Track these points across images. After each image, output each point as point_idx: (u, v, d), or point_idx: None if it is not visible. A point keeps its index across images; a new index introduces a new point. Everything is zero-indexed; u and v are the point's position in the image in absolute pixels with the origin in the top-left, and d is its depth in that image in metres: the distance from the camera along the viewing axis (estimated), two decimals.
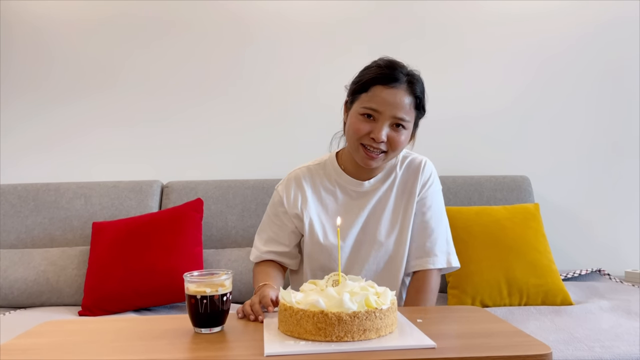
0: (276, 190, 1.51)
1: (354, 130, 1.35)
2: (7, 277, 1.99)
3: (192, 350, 1.00)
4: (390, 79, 1.32)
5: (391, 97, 1.31)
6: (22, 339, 1.08)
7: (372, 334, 1.00)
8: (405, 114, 1.33)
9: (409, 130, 1.36)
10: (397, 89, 1.32)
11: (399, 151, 1.38)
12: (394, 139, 1.33)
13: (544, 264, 1.96)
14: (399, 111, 1.31)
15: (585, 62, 2.49)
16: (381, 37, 2.44)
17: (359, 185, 1.45)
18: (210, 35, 2.45)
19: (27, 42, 2.41)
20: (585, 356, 1.44)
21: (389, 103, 1.31)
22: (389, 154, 1.36)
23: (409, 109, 1.33)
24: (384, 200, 1.46)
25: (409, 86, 1.34)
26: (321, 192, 1.47)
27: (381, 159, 1.37)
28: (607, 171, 2.49)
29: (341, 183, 1.46)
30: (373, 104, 1.32)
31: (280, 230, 1.48)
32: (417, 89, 1.35)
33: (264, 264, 1.48)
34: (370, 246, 1.44)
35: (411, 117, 1.35)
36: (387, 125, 1.32)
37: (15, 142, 2.42)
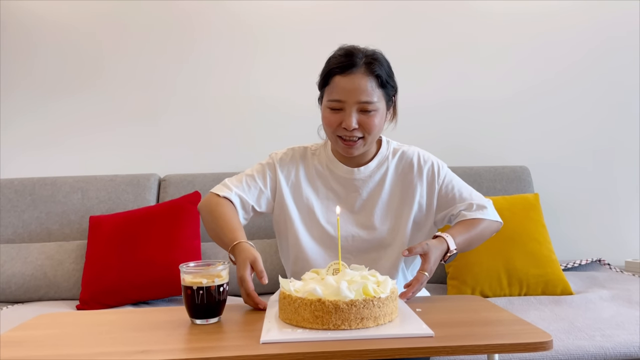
0: (271, 155, 1.49)
1: (326, 124, 1.37)
2: (4, 272, 1.98)
3: (188, 340, 0.99)
4: (346, 67, 1.32)
5: (350, 84, 1.31)
6: (18, 331, 1.07)
7: (370, 323, 0.99)
8: (369, 97, 1.31)
9: (380, 111, 1.34)
10: (355, 74, 1.31)
11: (377, 132, 1.36)
12: (366, 122, 1.33)
13: (544, 254, 1.96)
14: (362, 95, 1.31)
15: (586, 52, 2.47)
16: (380, 23, 2.43)
17: (350, 173, 1.44)
18: (209, 31, 2.43)
19: (24, 37, 2.39)
20: (586, 345, 1.44)
21: (349, 91, 1.31)
22: (366, 138, 1.35)
23: (371, 90, 1.32)
24: (376, 190, 1.44)
25: (367, 68, 1.32)
26: (314, 174, 1.47)
27: (361, 145, 1.36)
28: (607, 161, 2.48)
29: (333, 169, 1.45)
30: (335, 95, 1.33)
31: (258, 191, 1.43)
32: (375, 68, 1.32)
33: (226, 205, 1.39)
34: (362, 233, 1.43)
35: (378, 97, 1.33)
36: (354, 112, 1.32)
37: (12, 137, 2.41)
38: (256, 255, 1.19)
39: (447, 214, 1.45)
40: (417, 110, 2.42)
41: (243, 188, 1.43)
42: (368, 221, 1.43)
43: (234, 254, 1.24)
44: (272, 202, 1.46)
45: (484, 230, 1.41)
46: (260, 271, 1.16)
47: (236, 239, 1.26)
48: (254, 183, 1.44)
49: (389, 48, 1.44)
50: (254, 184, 1.44)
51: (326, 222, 1.43)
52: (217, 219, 1.35)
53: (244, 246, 1.23)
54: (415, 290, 1.23)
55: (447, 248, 1.30)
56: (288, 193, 1.45)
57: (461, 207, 1.43)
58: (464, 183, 1.49)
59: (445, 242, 1.30)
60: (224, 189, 1.43)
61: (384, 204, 1.44)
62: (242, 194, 1.41)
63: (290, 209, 1.44)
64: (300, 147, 1.51)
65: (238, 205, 1.40)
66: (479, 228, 1.39)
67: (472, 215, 1.40)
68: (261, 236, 2.18)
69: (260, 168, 1.47)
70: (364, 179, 1.44)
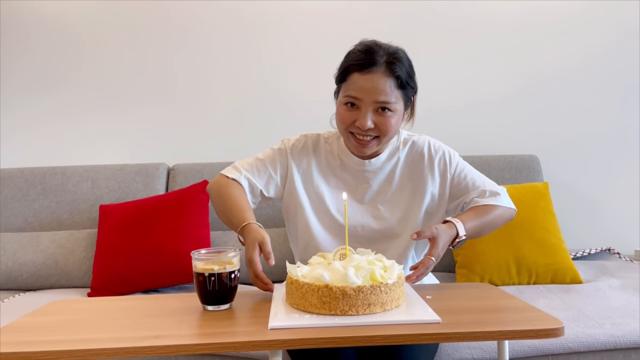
0: (283, 141, 1.48)
1: (340, 119, 1.34)
2: (16, 260, 2.00)
3: (200, 326, 1.00)
4: (366, 65, 1.28)
5: (369, 83, 1.27)
6: (32, 317, 1.08)
7: (377, 308, 0.99)
8: (387, 97, 1.27)
9: (397, 112, 1.31)
10: (374, 73, 1.27)
11: (392, 133, 1.33)
12: (381, 123, 1.30)
13: (554, 242, 1.95)
14: (380, 96, 1.27)
15: (595, 39, 2.44)
16: (386, 16, 2.41)
17: (361, 164, 1.42)
18: (216, 20, 2.42)
19: (27, 25, 2.40)
20: (596, 333, 1.43)
21: (367, 89, 1.27)
22: (381, 138, 1.33)
23: (390, 91, 1.28)
24: (387, 181, 1.43)
25: (387, 67, 1.28)
26: (325, 164, 1.45)
27: (375, 144, 1.34)
28: (616, 150, 2.46)
29: (344, 160, 1.44)
30: (352, 92, 1.29)
31: (268, 176, 1.43)
32: (396, 69, 1.28)
33: (235, 187, 1.38)
34: (372, 223, 1.42)
35: (397, 98, 1.30)
36: (370, 111, 1.28)
37: (19, 126, 2.42)
38: (265, 236, 1.19)
39: (460, 202, 1.44)
40: (424, 99, 2.40)
41: (253, 172, 1.42)
42: (378, 211, 1.43)
43: (242, 235, 1.24)
44: (281, 189, 1.46)
45: (496, 217, 1.39)
46: (267, 252, 1.16)
47: (245, 220, 1.25)
48: (264, 168, 1.43)
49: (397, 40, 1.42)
50: (264, 169, 1.43)
51: (336, 211, 1.43)
52: (226, 200, 1.35)
53: (253, 227, 1.22)
54: (420, 274, 1.22)
55: (457, 234, 1.29)
56: (299, 181, 1.44)
57: (474, 195, 1.41)
58: (476, 171, 1.48)
59: (454, 227, 1.29)
60: (233, 171, 1.42)
61: (394, 195, 1.43)
62: (251, 178, 1.41)
63: (301, 196, 1.43)
64: (313, 134, 1.50)
65: (247, 188, 1.40)
66: (490, 215, 1.37)
67: (485, 202, 1.38)
68: (269, 225, 2.19)
69: (272, 154, 1.46)
70: (374, 170, 1.43)
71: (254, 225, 1.23)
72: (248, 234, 1.21)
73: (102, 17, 2.41)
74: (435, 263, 1.24)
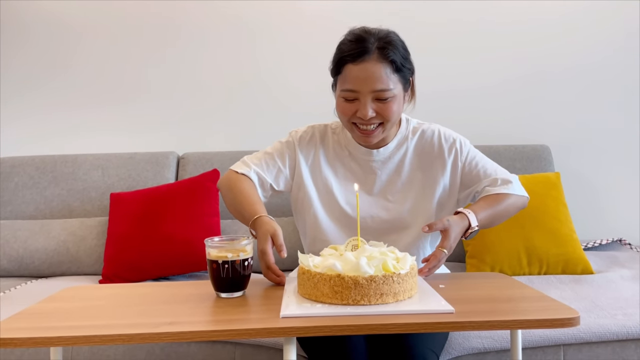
0: (290, 134, 1.47)
1: (341, 112, 1.32)
2: (28, 247, 2.01)
3: (214, 313, 1.00)
4: (358, 54, 1.25)
5: (364, 72, 1.25)
6: (45, 304, 1.09)
7: (389, 298, 0.99)
8: (384, 84, 1.25)
9: (397, 96, 1.29)
10: (367, 62, 1.25)
11: (395, 118, 1.32)
12: (382, 110, 1.28)
13: (565, 233, 1.94)
14: (377, 84, 1.25)
15: (607, 29, 2.41)
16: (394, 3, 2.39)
17: (369, 154, 1.41)
18: (224, 11, 2.41)
19: (43, 17, 2.40)
20: (608, 324, 1.43)
21: (363, 80, 1.25)
22: (385, 124, 1.31)
23: (387, 77, 1.25)
24: (396, 171, 1.42)
25: (380, 53, 1.25)
26: (333, 155, 1.44)
27: (380, 132, 1.32)
28: (628, 140, 2.43)
29: (351, 150, 1.43)
30: (348, 84, 1.27)
31: (277, 170, 1.43)
32: (390, 53, 1.26)
33: (245, 181, 1.38)
34: (381, 214, 1.41)
35: (394, 83, 1.27)
36: (370, 101, 1.27)
37: (32, 115, 2.43)
38: (276, 228, 1.19)
39: (471, 191, 1.43)
40: (437, 89, 2.39)
41: (262, 166, 1.42)
42: (387, 202, 1.41)
43: (254, 228, 1.24)
44: (290, 182, 1.45)
45: (508, 206, 1.37)
46: (279, 244, 1.16)
47: (257, 213, 1.25)
48: (272, 162, 1.43)
49: (404, 28, 1.39)
50: (273, 162, 1.43)
51: (345, 203, 1.42)
52: (237, 194, 1.35)
53: (264, 220, 1.23)
54: (432, 266, 1.21)
55: (469, 225, 1.27)
56: (307, 173, 1.43)
57: (485, 183, 1.40)
58: (488, 159, 1.46)
59: (466, 218, 1.27)
60: (242, 166, 1.42)
61: (404, 185, 1.42)
62: (260, 172, 1.41)
63: (309, 188, 1.43)
64: (320, 125, 1.49)
65: (257, 182, 1.40)
66: (503, 204, 1.36)
67: (496, 191, 1.37)
68: (279, 215, 2.18)
69: (280, 147, 1.46)
70: (383, 160, 1.42)
71: (266, 218, 1.23)
72: (260, 226, 1.21)
73: (114, 7, 2.40)
74: (447, 255, 1.23)
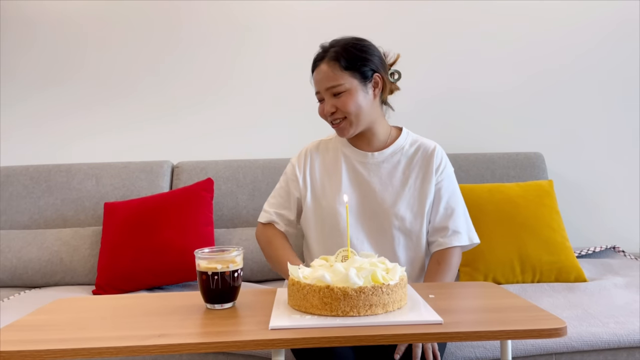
0: (290, 162, 1.60)
1: (320, 115, 1.49)
2: (21, 257, 2.01)
3: (203, 325, 1.00)
4: (315, 61, 1.46)
5: (318, 75, 1.45)
6: (36, 315, 1.09)
7: (378, 309, 0.99)
8: (333, 81, 1.41)
9: (351, 90, 1.41)
10: (320, 65, 1.44)
11: (355, 110, 1.42)
12: (339, 104, 1.42)
13: (558, 241, 1.94)
14: (327, 82, 1.42)
15: (600, 37, 2.43)
16: (384, 11, 2.40)
17: (363, 156, 1.50)
18: (220, 21, 2.42)
19: (29, 23, 2.40)
20: (599, 332, 1.43)
21: (318, 81, 1.45)
22: (348, 117, 1.44)
23: (334, 74, 1.41)
24: (389, 176, 1.49)
25: (329, 57, 1.42)
26: (328, 162, 1.54)
27: (347, 125, 1.45)
28: (622, 147, 2.44)
29: (347, 154, 1.53)
30: (315, 88, 1.47)
31: (288, 195, 1.56)
32: (335, 54, 1.42)
33: (276, 235, 1.53)
34: (376, 216, 1.47)
35: (345, 79, 1.41)
36: (328, 98, 1.44)
37: (24, 124, 2.43)
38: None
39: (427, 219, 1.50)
40: (428, 97, 2.40)
41: (281, 206, 1.56)
42: (380, 206, 1.47)
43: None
44: (300, 200, 1.56)
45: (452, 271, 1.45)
46: None
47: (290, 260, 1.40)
48: (286, 196, 1.56)
49: (394, 36, 1.46)
50: (287, 196, 1.56)
51: (339, 205, 1.47)
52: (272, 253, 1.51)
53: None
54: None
55: None
56: (308, 194, 1.53)
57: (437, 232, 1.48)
58: (457, 196, 1.53)
59: None
60: (264, 214, 1.58)
61: (397, 190, 1.48)
62: (281, 212, 1.55)
63: (309, 205, 1.52)
64: (313, 142, 1.61)
65: (283, 227, 1.54)
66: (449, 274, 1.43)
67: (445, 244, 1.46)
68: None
69: (285, 178, 1.58)
70: (376, 163, 1.50)
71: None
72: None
73: (105, 14, 2.41)
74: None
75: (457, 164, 2.21)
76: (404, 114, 1.52)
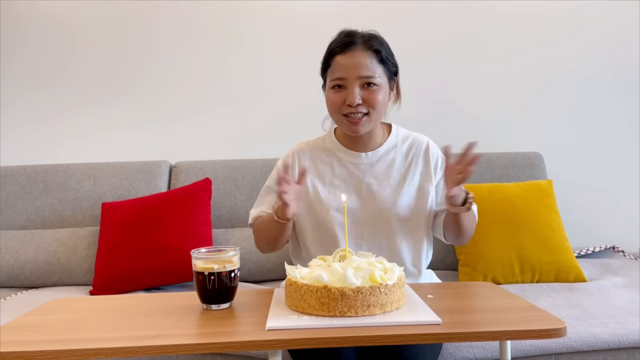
0: (277, 165, 1.53)
1: (331, 104, 1.38)
2: (18, 258, 2.00)
3: (200, 326, 0.99)
4: (345, 45, 1.35)
5: (350, 60, 1.34)
6: (32, 316, 1.08)
7: (376, 310, 0.98)
8: (370, 71, 1.34)
9: (382, 87, 1.36)
10: (354, 50, 1.35)
11: (380, 109, 1.37)
12: (369, 98, 1.34)
13: (557, 240, 1.94)
14: (363, 70, 1.33)
15: (599, 36, 2.42)
16: (384, 12, 2.40)
17: (357, 157, 1.45)
18: (218, 19, 2.42)
19: (27, 22, 2.40)
20: (599, 332, 1.42)
21: (350, 67, 1.34)
22: (371, 114, 1.36)
23: (372, 65, 1.34)
24: (385, 175, 1.44)
25: (365, 44, 1.35)
26: (318, 163, 1.47)
27: (366, 122, 1.37)
28: (621, 147, 2.44)
29: (339, 155, 1.46)
30: (337, 73, 1.35)
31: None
32: (373, 44, 1.36)
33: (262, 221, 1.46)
34: (375, 219, 1.43)
35: (380, 73, 1.36)
36: (357, 87, 1.34)
37: (22, 124, 2.42)
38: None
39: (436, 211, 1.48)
40: (429, 97, 2.40)
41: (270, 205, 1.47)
42: (376, 206, 1.43)
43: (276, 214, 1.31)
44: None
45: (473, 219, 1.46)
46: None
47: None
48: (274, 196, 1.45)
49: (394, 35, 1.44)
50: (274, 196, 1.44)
51: (334, 210, 1.42)
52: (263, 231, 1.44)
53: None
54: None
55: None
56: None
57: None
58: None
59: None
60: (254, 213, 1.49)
61: (393, 189, 1.44)
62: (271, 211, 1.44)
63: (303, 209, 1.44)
64: (299, 143, 1.53)
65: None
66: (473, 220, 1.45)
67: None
68: None
69: (272, 182, 1.49)
70: (371, 163, 1.44)
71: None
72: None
73: (102, 13, 2.40)
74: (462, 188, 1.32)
75: None
76: (403, 114, 1.49)
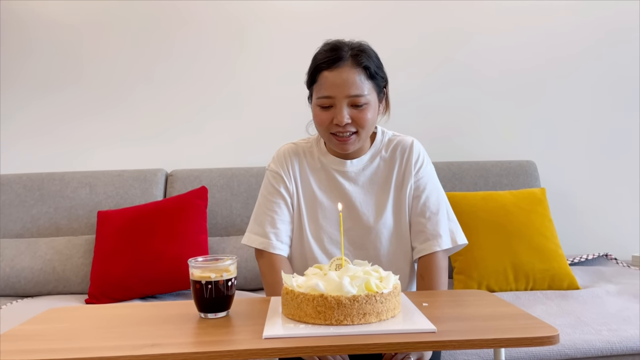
0: (268, 169, 1.46)
1: (318, 122, 1.34)
2: (14, 267, 2.00)
3: (197, 334, 1.00)
4: (333, 61, 1.29)
5: (338, 78, 1.28)
6: (28, 325, 1.08)
7: (372, 318, 0.99)
8: (359, 90, 1.28)
9: (371, 104, 1.31)
10: (342, 67, 1.28)
11: (370, 127, 1.33)
12: (358, 117, 1.30)
13: (551, 248, 1.95)
14: (351, 89, 1.28)
15: (592, 45, 2.45)
16: (378, 16, 2.42)
17: (343, 165, 1.41)
18: (213, 27, 2.43)
19: (24, 31, 2.40)
20: (592, 339, 1.44)
21: (338, 85, 1.28)
22: (360, 133, 1.32)
23: (360, 83, 1.29)
24: (370, 182, 1.41)
25: (354, 60, 1.29)
26: (306, 168, 1.44)
27: (355, 140, 1.33)
28: (613, 155, 2.47)
29: (325, 162, 1.43)
30: (324, 91, 1.30)
31: (282, 208, 1.42)
32: (362, 59, 1.29)
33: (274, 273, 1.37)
34: (357, 226, 1.41)
35: (369, 90, 1.30)
36: (345, 106, 1.29)
37: (17, 133, 2.42)
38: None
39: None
40: (422, 105, 2.42)
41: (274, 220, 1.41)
42: (362, 214, 1.40)
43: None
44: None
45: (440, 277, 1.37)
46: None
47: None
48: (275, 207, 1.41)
49: (387, 41, 1.42)
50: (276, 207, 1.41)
51: (323, 218, 1.41)
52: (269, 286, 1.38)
53: None
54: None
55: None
56: (298, 185, 1.43)
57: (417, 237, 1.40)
58: (439, 192, 1.43)
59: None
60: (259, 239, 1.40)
61: (378, 196, 1.41)
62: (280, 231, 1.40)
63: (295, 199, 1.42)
64: (287, 144, 1.48)
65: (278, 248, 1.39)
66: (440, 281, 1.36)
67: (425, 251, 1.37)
68: None
69: (269, 189, 1.43)
70: (356, 172, 1.41)
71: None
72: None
73: (101, 22, 2.41)
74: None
75: (450, 172, 2.23)
76: (397, 121, 1.49)
